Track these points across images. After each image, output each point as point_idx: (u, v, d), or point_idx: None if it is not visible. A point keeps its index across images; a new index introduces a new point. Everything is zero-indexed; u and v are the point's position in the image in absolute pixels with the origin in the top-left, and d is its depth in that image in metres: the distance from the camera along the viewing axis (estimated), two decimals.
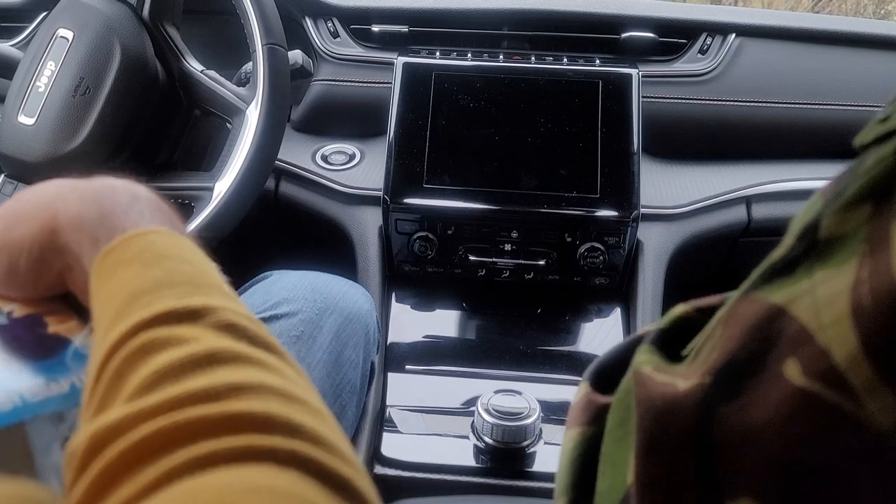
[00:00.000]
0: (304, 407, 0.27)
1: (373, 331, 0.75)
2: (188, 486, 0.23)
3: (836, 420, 0.19)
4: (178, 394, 0.26)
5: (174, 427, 0.24)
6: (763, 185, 0.99)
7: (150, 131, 0.87)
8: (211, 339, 0.28)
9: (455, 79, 0.94)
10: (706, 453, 0.22)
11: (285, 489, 0.23)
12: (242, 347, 0.29)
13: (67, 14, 0.83)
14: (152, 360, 0.27)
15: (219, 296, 0.32)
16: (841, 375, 0.19)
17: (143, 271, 0.31)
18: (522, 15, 1.05)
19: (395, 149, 0.92)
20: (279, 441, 0.25)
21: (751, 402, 0.21)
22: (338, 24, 1.07)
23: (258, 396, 0.26)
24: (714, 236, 0.98)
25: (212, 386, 0.26)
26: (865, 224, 0.20)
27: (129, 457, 0.24)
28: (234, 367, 0.27)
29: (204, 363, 0.27)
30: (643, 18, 1.04)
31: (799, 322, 0.20)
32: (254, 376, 0.27)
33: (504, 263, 0.93)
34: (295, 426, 0.26)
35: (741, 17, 1.07)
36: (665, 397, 0.24)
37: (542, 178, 0.90)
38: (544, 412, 0.76)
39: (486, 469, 0.76)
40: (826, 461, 0.19)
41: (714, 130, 1.03)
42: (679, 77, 1.03)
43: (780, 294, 0.21)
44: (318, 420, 0.27)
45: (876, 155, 0.20)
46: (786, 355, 0.20)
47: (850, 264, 0.19)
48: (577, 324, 0.94)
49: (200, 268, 0.33)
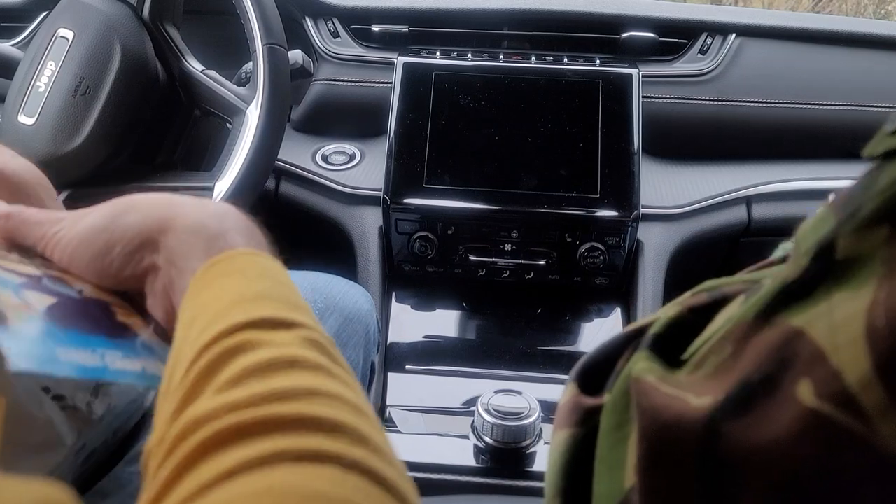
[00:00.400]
0: (370, 421, 0.29)
1: (373, 331, 0.75)
2: (255, 483, 0.24)
3: (845, 442, 0.19)
4: (261, 391, 0.28)
5: (253, 422, 0.27)
6: (763, 185, 0.99)
7: (151, 131, 0.87)
8: (297, 348, 0.31)
9: (455, 79, 0.94)
10: (711, 469, 0.22)
11: (345, 497, 0.24)
12: (323, 361, 0.31)
13: (68, 14, 0.83)
14: (244, 358, 0.30)
15: (309, 317, 0.34)
16: (853, 397, 0.19)
17: (247, 283, 0.35)
18: (523, 15, 1.05)
19: (395, 149, 0.92)
20: (345, 447, 0.26)
21: (760, 420, 0.21)
22: (338, 24, 1.07)
23: (331, 404, 0.28)
24: (714, 236, 0.98)
25: (292, 387, 0.28)
26: (883, 246, 0.19)
27: (211, 443, 0.26)
28: (313, 374, 0.30)
29: (287, 366, 0.30)
30: (643, 18, 1.04)
31: (814, 344, 0.20)
32: (330, 386, 0.29)
33: (504, 263, 0.93)
34: (362, 435, 0.27)
35: (741, 17, 1.07)
36: (672, 410, 0.23)
37: (543, 178, 0.90)
38: (544, 412, 0.76)
39: (486, 469, 0.75)
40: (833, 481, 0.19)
41: (714, 130, 1.03)
42: (679, 77, 1.03)
43: (799, 318, 0.21)
44: (381, 435, 0.29)
45: (889, 173, 0.20)
46: (800, 376, 0.20)
47: (867, 286, 0.19)
48: (578, 324, 0.94)
49: (293, 290, 0.37)
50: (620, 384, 0.28)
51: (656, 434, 0.24)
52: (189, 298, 0.35)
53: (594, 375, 0.31)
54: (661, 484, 0.23)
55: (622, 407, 0.27)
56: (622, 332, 0.31)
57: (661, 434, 0.23)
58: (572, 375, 0.32)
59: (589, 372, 0.32)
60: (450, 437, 0.79)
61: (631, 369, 0.27)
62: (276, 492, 0.24)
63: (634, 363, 0.27)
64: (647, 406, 0.24)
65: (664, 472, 0.23)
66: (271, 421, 0.27)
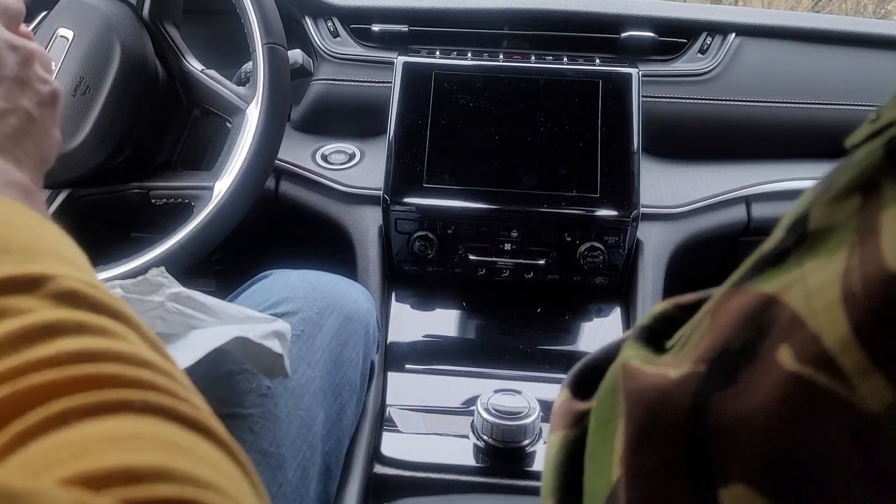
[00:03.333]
0: (152, 368, 0.27)
1: (373, 330, 0.75)
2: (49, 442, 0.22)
3: (826, 403, 0.19)
4: (17, 364, 0.24)
5: (18, 394, 0.23)
6: (763, 184, 0.99)
7: (151, 131, 0.87)
8: (48, 309, 0.27)
9: (455, 78, 0.94)
10: (698, 442, 0.22)
11: (148, 433, 0.23)
12: (83, 316, 0.27)
13: (67, 13, 0.83)
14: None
15: (58, 262, 0.29)
16: (832, 359, 0.19)
17: None
18: (522, 14, 1.05)
19: (395, 148, 0.92)
20: (132, 393, 0.24)
21: (745, 389, 0.21)
22: (338, 24, 1.07)
23: (103, 362, 0.25)
24: (714, 236, 0.98)
25: (55, 355, 0.25)
26: (854, 215, 0.20)
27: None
28: (75, 336, 0.26)
29: (43, 334, 0.26)
30: (643, 18, 1.04)
31: (791, 309, 0.21)
32: (97, 344, 0.26)
33: (504, 263, 0.93)
34: (146, 382, 0.25)
35: (741, 16, 1.07)
36: (657, 388, 0.24)
37: (542, 177, 0.90)
38: (544, 412, 0.76)
39: (485, 468, 0.76)
40: (816, 443, 0.20)
41: (714, 130, 1.03)
42: (679, 77, 1.03)
43: (771, 284, 0.22)
44: (168, 378, 0.27)
45: (865, 149, 0.21)
46: (779, 342, 0.21)
47: (840, 253, 0.20)
48: (577, 323, 0.94)
49: (37, 232, 0.31)
50: (607, 381, 0.28)
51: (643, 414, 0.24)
52: None
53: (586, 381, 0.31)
54: (648, 464, 0.23)
55: (609, 404, 0.27)
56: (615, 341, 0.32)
57: (648, 413, 0.24)
58: (565, 382, 0.33)
59: (581, 377, 0.32)
60: (449, 436, 0.79)
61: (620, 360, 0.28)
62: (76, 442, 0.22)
63: (623, 352, 0.28)
64: (633, 388, 0.25)
65: (650, 452, 0.23)
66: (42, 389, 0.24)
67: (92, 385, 0.24)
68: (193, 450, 0.24)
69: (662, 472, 0.23)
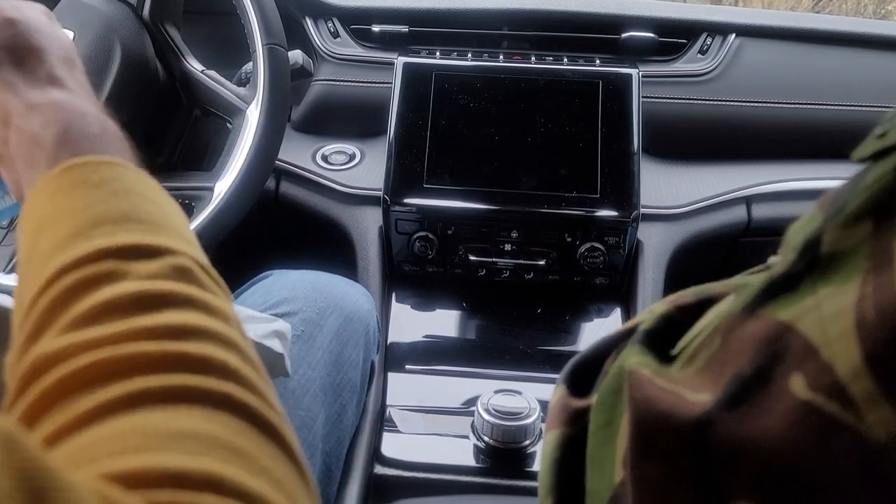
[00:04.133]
0: (240, 353, 0.28)
1: (373, 330, 0.75)
2: (118, 425, 0.23)
3: (835, 431, 0.19)
4: (121, 329, 0.26)
5: (113, 360, 0.25)
6: (763, 185, 0.99)
7: (151, 131, 0.87)
8: (165, 280, 0.28)
9: (455, 79, 0.94)
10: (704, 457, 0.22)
11: (212, 434, 0.23)
12: (192, 290, 0.29)
13: (68, 14, 0.83)
14: (104, 291, 0.27)
15: (179, 240, 0.31)
16: (843, 388, 0.19)
17: (111, 199, 0.31)
18: (522, 15, 1.05)
19: (395, 149, 0.92)
20: (213, 383, 0.25)
21: (753, 412, 0.21)
22: (338, 24, 1.07)
23: (198, 340, 0.26)
24: (714, 236, 0.98)
25: (156, 325, 0.26)
26: (867, 241, 0.20)
27: (67, 384, 0.24)
28: (180, 310, 0.28)
29: (152, 303, 0.27)
30: (643, 18, 1.04)
31: (805, 338, 0.20)
32: (198, 320, 0.27)
33: (504, 263, 0.93)
34: (230, 370, 0.26)
35: (741, 17, 1.07)
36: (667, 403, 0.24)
37: (542, 178, 0.90)
38: (544, 412, 0.76)
39: (485, 469, 0.76)
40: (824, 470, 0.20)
41: (714, 130, 1.03)
42: (679, 77, 1.03)
43: (786, 311, 0.22)
44: (251, 368, 0.27)
45: (875, 171, 0.20)
46: (792, 370, 0.21)
47: (853, 281, 0.20)
48: (577, 324, 0.94)
49: (165, 209, 0.33)
50: (609, 382, 0.28)
51: (649, 423, 0.24)
52: (37, 199, 0.31)
53: (582, 377, 0.31)
54: (653, 472, 0.24)
55: (610, 405, 0.27)
56: (609, 335, 0.32)
57: (655, 423, 0.24)
58: (561, 378, 0.33)
59: (577, 374, 0.32)
60: (450, 436, 0.79)
61: (623, 363, 0.28)
62: (141, 432, 0.23)
63: (627, 357, 0.28)
64: (642, 397, 0.25)
65: (656, 461, 0.23)
66: (133, 360, 0.25)
67: (180, 365, 0.25)
68: (254, 455, 0.24)
69: (668, 481, 0.23)
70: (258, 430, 0.25)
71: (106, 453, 0.22)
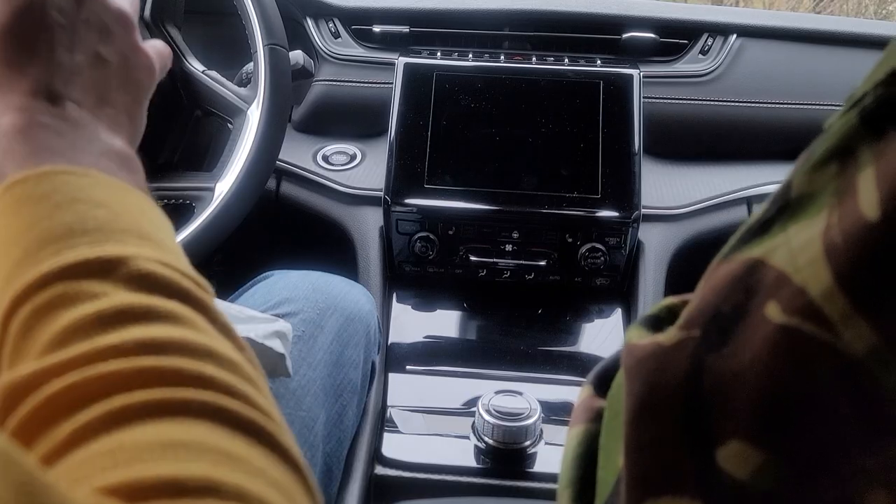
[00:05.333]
0: (214, 360, 0.27)
1: (374, 331, 0.75)
2: (105, 444, 0.23)
3: (814, 350, 0.20)
4: (87, 350, 0.25)
5: (85, 382, 0.24)
6: (764, 185, 0.99)
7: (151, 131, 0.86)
8: (122, 294, 0.27)
9: (456, 79, 0.94)
10: (695, 406, 0.23)
11: (201, 441, 0.23)
12: (154, 301, 0.28)
13: None
14: (61, 316, 0.26)
15: (134, 242, 0.30)
16: (818, 309, 0.20)
17: (55, 213, 0.29)
18: (523, 15, 1.05)
19: (396, 149, 0.92)
20: (191, 393, 0.25)
21: (738, 347, 0.22)
22: (339, 25, 1.07)
23: (167, 354, 0.26)
24: (715, 237, 0.98)
25: (122, 342, 0.26)
26: (833, 180, 0.21)
27: (43, 413, 0.24)
28: (144, 324, 0.27)
29: (114, 320, 0.26)
30: (644, 19, 1.04)
31: (777, 269, 0.22)
32: (164, 332, 0.27)
33: (505, 264, 0.93)
34: (206, 379, 0.26)
35: (742, 17, 1.07)
36: (653, 356, 0.25)
37: (543, 178, 0.90)
38: (545, 413, 0.76)
39: (486, 470, 0.75)
40: (806, 389, 0.20)
41: (715, 131, 1.03)
42: (680, 78, 1.03)
43: (757, 249, 0.23)
44: (230, 372, 0.27)
45: (841, 120, 0.22)
46: (766, 299, 0.21)
47: (820, 216, 0.21)
48: (578, 324, 0.94)
49: (115, 209, 0.31)
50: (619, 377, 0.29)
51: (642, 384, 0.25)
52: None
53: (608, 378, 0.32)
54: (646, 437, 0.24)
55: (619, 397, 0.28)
56: None
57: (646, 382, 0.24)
58: (589, 378, 0.34)
59: (604, 375, 0.33)
60: (450, 437, 0.79)
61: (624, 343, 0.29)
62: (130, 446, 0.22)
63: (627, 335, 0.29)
64: (632, 362, 0.25)
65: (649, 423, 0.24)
66: (107, 379, 0.24)
67: (153, 381, 0.25)
68: (246, 459, 0.24)
69: (659, 443, 0.23)
70: (245, 434, 0.25)
71: (98, 469, 0.22)
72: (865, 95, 0.22)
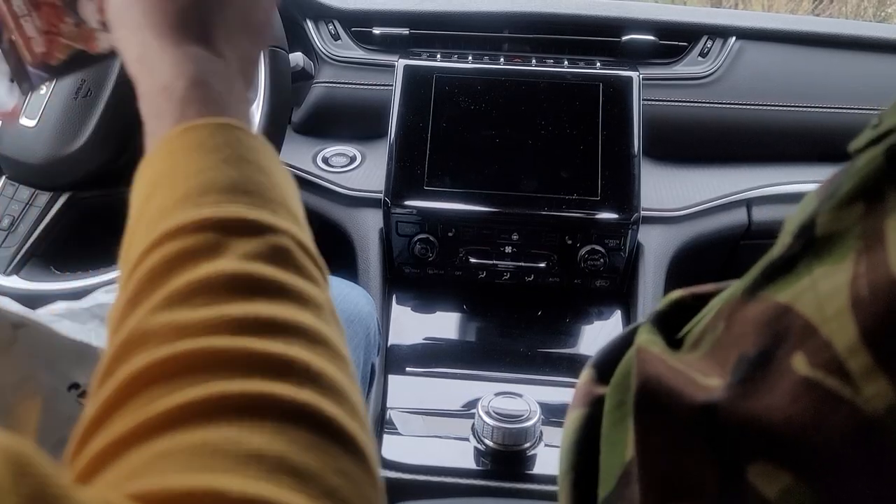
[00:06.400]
0: (328, 351, 0.27)
1: (373, 333, 0.75)
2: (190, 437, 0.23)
3: (834, 404, 0.20)
4: (210, 315, 0.26)
5: (196, 353, 0.25)
6: (763, 187, 0.99)
7: None
8: (262, 263, 0.28)
9: (456, 81, 0.94)
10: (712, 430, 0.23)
11: (280, 452, 0.23)
12: (287, 277, 0.28)
13: None
14: (200, 267, 0.27)
15: (284, 214, 0.31)
16: (841, 364, 0.20)
17: (223, 166, 0.30)
18: (523, 18, 1.05)
19: (395, 151, 0.92)
20: (291, 390, 0.25)
21: (758, 390, 0.22)
22: (339, 27, 1.07)
23: (284, 338, 0.26)
24: (715, 239, 0.98)
25: (244, 316, 0.26)
26: (859, 222, 0.21)
27: (152, 372, 0.25)
28: (271, 300, 0.27)
29: (245, 287, 0.27)
30: (644, 21, 1.04)
31: (804, 318, 0.21)
32: (287, 313, 0.27)
33: (505, 266, 0.93)
34: (313, 373, 0.26)
35: (742, 20, 1.07)
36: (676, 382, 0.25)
37: (543, 180, 0.90)
38: (545, 414, 0.76)
39: (486, 472, 0.75)
40: (824, 442, 0.20)
41: (714, 133, 1.03)
42: (680, 80, 1.03)
43: (784, 293, 0.23)
44: (337, 366, 0.27)
45: (867, 156, 0.21)
46: (794, 349, 0.21)
47: (847, 260, 0.21)
48: (578, 326, 0.94)
49: (275, 180, 0.32)
50: (623, 365, 0.29)
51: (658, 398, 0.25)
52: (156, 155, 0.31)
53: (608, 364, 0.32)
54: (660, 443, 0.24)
55: (624, 387, 0.28)
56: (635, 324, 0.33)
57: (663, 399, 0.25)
58: (590, 361, 0.34)
59: (604, 360, 0.33)
60: (450, 439, 0.79)
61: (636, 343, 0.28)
62: (209, 449, 0.23)
63: (639, 335, 0.29)
64: (651, 373, 0.26)
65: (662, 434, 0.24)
66: (215, 356, 0.25)
67: (260, 367, 0.25)
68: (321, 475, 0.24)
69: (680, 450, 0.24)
70: (332, 442, 0.25)
71: (173, 468, 0.22)
72: (892, 132, 0.21)
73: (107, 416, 0.24)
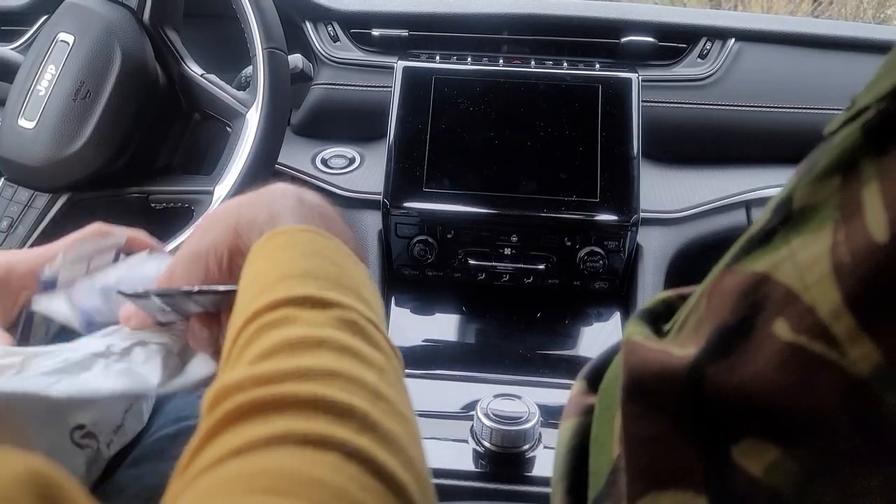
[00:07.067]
0: (388, 406, 0.30)
1: None
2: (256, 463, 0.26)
3: (820, 368, 0.21)
4: (285, 367, 0.30)
5: (270, 398, 0.28)
6: (763, 189, 0.99)
7: (151, 135, 0.87)
8: (330, 328, 0.33)
9: (455, 83, 0.94)
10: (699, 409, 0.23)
11: (340, 485, 0.25)
12: (353, 342, 0.33)
13: (68, 18, 0.83)
14: (277, 333, 0.32)
15: (352, 296, 0.36)
16: (826, 328, 0.20)
17: (297, 259, 0.37)
18: (522, 19, 1.05)
19: (394, 152, 0.92)
20: (351, 434, 0.27)
21: (740, 360, 0.22)
22: (338, 28, 1.07)
23: (347, 387, 0.29)
24: (714, 240, 0.98)
25: (312, 367, 0.30)
26: (836, 193, 0.21)
27: (233, 415, 0.29)
28: (338, 355, 0.31)
29: (315, 346, 0.31)
30: (643, 23, 1.04)
31: (784, 285, 0.22)
32: (352, 368, 0.31)
33: (504, 267, 0.93)
34: (371, 422, 0.28)
35: (741, 21, 1.07)
36: (658, 361, 0.25)
37: (542, 182, 0.90)
38: (544, 416, 0.76)
39: (485, 474, 0.75)
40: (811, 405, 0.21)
41: (714, 135, 1.03)
42: (679, 81, 1.03)
43: (761, 263, 0.23)
44: (397, 421, 0.30)
45: (843, 133, 0.22)
46: (775, 316, 0.22)
47: (825, 230, 0.21)
48: (577, 328, 0.94)
49: (346, 271, 0.39)
50: (612, 369, 0.30)
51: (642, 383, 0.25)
52: (246, 266, 0.38)
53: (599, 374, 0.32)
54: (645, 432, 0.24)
55: (612, 390, 0.28)
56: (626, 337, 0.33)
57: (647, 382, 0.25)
58: (582, 373, 0.35)
59: (596, 371, 0.33)
60: (448, 441, 0.79)
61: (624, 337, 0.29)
62: (272, 474, 0.24)
63: (626, 329, 0.29)
64: (635, 361, 0.26)
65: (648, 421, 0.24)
66: (286, 399, 0.28)
67: (324, 409, 0.28)
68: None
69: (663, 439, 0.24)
70: (385, 487, 0.26)
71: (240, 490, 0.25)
72: (868, 108, 0.22)
73: (193, 457, 0.28)
